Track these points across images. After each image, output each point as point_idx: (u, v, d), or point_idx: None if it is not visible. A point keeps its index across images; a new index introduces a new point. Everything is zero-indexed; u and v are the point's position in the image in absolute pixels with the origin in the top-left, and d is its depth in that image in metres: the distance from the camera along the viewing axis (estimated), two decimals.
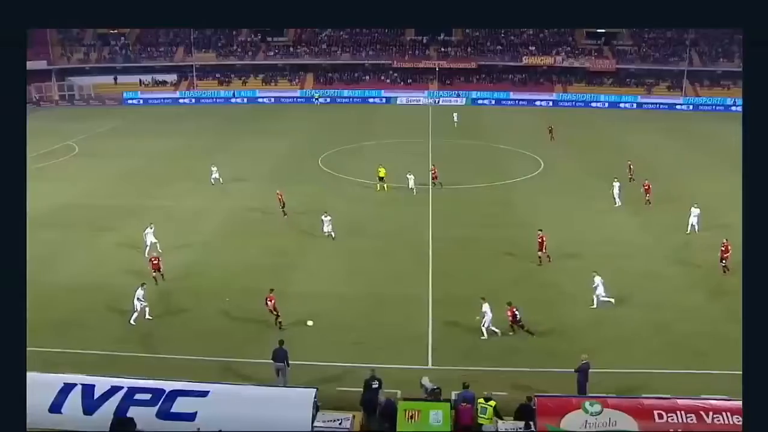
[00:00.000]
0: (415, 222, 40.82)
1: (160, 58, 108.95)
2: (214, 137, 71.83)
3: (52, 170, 57.45)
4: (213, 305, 29.98)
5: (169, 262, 34.82)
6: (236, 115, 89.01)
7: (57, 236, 39.14)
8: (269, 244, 37.24)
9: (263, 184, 50.19)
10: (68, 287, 31.86)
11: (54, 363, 23.82)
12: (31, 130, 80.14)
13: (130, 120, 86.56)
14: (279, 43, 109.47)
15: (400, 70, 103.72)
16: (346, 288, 31.65)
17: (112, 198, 47.50)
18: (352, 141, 67.51)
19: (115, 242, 38.41)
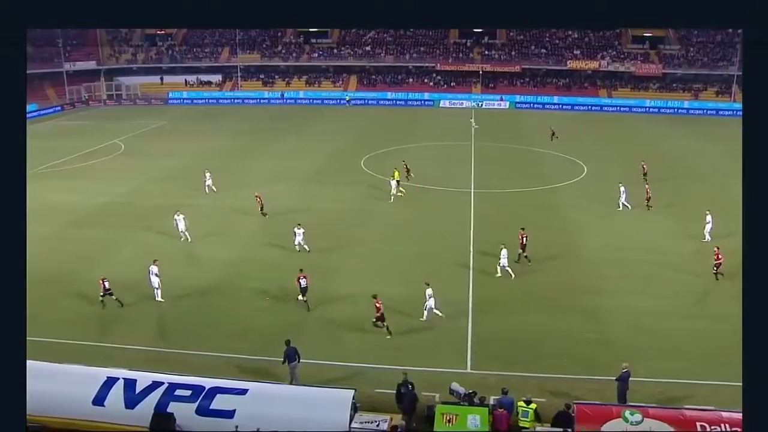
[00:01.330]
0: (456, 225, 40.70)
1: (205, 58, 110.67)
2: (256, 137, 72.55)
3: (98, 168, 58.63)
4: (253, 304, 30.28)
5: (207, 260, 35.40)
6: (279, 116, 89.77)
7: (102, 234, 39.92)
8: (311, 245, 37.39)
9: (305, 184, 50.54)
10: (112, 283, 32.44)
11: (95, 356, 24.42)
12: (80, 128, 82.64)
13: (175, 119, 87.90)
14: (323, 45, 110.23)
15: (443, 72, 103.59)
16: (385, 289, 31.64)
17: (156, 196, 48.25)
18: (394, 143, 67.57)
19: (157, 240, 39.06)
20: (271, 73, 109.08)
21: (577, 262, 35.52)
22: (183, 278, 33.32)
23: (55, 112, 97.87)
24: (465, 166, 56.69)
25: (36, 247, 38.01)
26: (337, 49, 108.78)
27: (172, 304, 30.41)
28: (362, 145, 66.84)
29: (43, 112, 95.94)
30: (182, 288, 32.11)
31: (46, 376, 21.86)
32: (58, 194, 49.32)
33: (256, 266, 34.92)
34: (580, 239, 38.98)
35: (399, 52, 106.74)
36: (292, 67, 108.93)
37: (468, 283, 32.61)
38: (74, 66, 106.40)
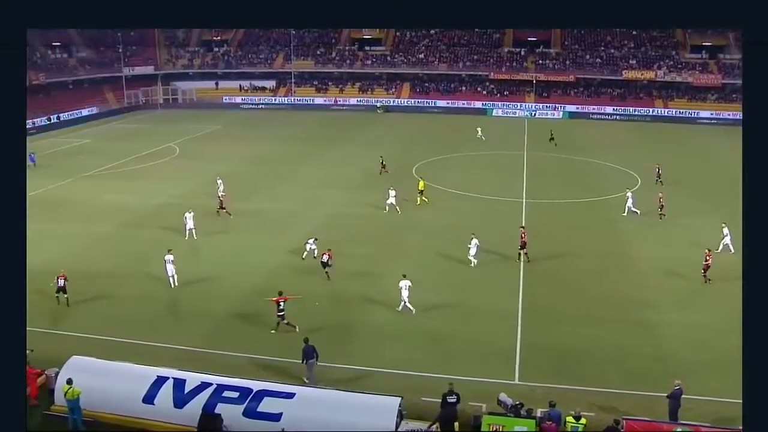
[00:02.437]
0: (507, 234, 40.41)
1: (260, 64, 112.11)
2: (308, 143, 73.11)
3: (154, 170, 59.80)
4: (302, 309, 30.48)
5: (260, 265, 35.78)
6: (332, 122, 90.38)
7: (157, 234, 40.68)
8: (359, 252, 37.53)
9: (357, 191, 50.75)
10: (165, 283, 33.04)
11: (144, 355, 24.88)
12: (137, 131, 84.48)
13: (229, 124, 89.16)
14: (376, 52, 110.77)
15: (496, 81, 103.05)
16: (433, 297, 31.59)
17: (209, 199, 48.98)
18: (446, 151, 67.44)
19: (208, 243, 39.65)
20: (325, 80, 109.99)
21: (628, 274, 34.95)
22: (231, 280, 33.80)
23: (113, 115, 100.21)
24: (517, 176, 56.26)
25: (94, 246, 39.15)
26: (391, 57, 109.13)
27: (219, 305, 30.80)
28: (414, 152, 66.85)
29: (102, 114, 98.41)
30: (231, 289, 32.54)
31: (99, 372, 22.38)
32: (115, 195, 50.46)
33: (305, 270, 35.13)
34: (631, 250, 38.32)
35: (452, 60, 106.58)
36: (345, 73, 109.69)
37: (518, 293, 32.33)
38: (133, 70, 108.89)
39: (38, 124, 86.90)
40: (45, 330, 28.13)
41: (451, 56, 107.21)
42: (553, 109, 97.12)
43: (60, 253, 37.68)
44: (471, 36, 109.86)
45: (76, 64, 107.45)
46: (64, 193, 52.32)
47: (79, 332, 28.01)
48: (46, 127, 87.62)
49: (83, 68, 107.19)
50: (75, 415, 21.27)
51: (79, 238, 40.57)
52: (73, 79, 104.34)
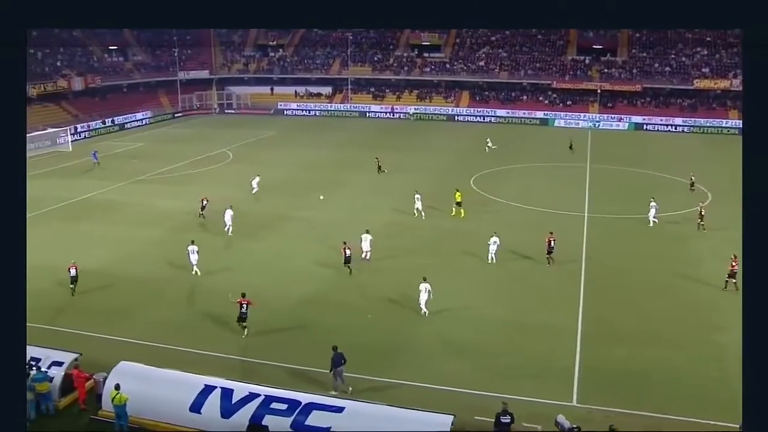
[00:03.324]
0: (568, 248, 39.90)
1: (316, 70, 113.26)
2: (364, 150, 73.45)
3: (207, 175, 60.82)
4: (354, 320, 30.60)
5: (307, 272, 36.04)
6: (388, 130, 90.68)
7: (205, 240, 41.33)
8: (411, 263, 37.48)
9: (410, 200, 50.69)
10: (209, 289, 33.55)
11: (192, 363, 25.28)
12: (192, 136, 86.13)
13: (284, 130, 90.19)
14: (435, 59, 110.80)
15: (559, 90, 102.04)
16: (489, 311, 31.37)
17: (261, 205, 49.65)
18: (506, 162, 66.99)
19: (257, 249, 40.15)
20: (382, 87, 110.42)
21: (692, 291, 34.18)
22: (279, 288, 34.11)
23: (167, 119, 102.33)
24: (578, 189, 55.56)
25: (143, 250, 39.96)
26: (450, 64, 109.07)
27: (271, 314, 31.07)
28: (473, 162, 66.61)
29: (156, 118, 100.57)
30: (279, 298, 32.83)
31: (146, 378, 22.79)
32: (167, 199, 51.52)
33: (357, 282, 35.28)
34: (698, 269, 37.37)
35: (514, 68, 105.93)
36: (403, 80, 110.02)
37: (577, 309, 31.87)
38: (188, 74, 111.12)
39: (93, 127, 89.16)
40: (95, 334, 28.82)
41: (513, 64, 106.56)
42: (618, 120, 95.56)
43: (110, 257, 38.61)
44: (533, 43, 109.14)
45: (131, 67, 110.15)
46: (116, 196, 53.59)
47: (128, 337, 28.58)
48: (101, 130, 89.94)
49: (138, 72, 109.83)
50: (121, 421, 21.72)
51: (130, 242, 41.48)
52: (129, 83, 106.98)
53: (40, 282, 35.01)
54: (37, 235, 43.32)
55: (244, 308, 29.06)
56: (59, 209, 49.65)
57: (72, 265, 33.72)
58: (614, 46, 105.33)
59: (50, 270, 36.41)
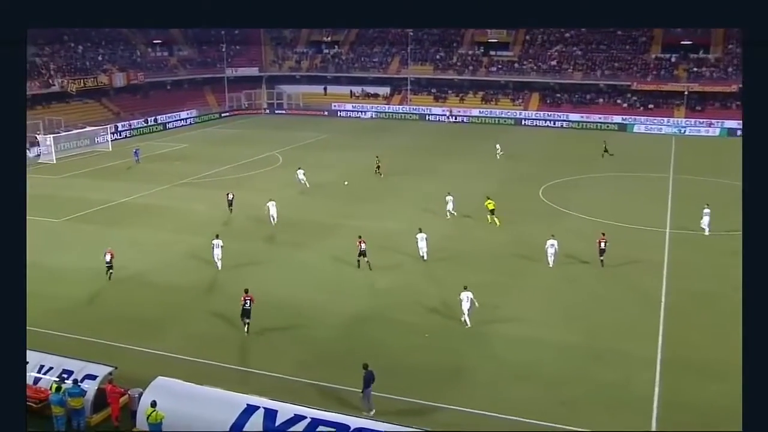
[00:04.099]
0: (647, 268, 39.07)
1: (373, 69, 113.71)
2: (424, 156, 73.49)
3: (254, 180, 61.43)
4: (410, 339, 30.42)
5: (361, 285, 36.03)
6: (450, 134, 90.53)
7: (253, 249, 41.70)
8: (475, 279, 37.10)
9: (472, 211, 50.38)
10: (260, 304, 33.71)
11: (233, 380, 25.38)
12: (239, 137, 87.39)
13: (337, 133, 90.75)
14: (502, 58, 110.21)
15: (640, 92, 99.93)
16: (558, 335, 30.83)
17: (309, 212, 49.90)
18: (579, 171, 66.11)
19: (307, 259, 40.31)
20: (444, 88, 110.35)
21: None
22: (333, 304, 34.14)
23: (213, 118, 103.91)
24: (660, 202, 54.46)
25: (185, 257, 40.48)
26: (519, 63, 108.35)
27: (320, 330, 31.13)
28: (542, 171, 65.97)
29: (202, 118, 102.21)
30: (333, 315, 32.86)
31: (185, 396, 22.96)
32: (211, 205, 52.20)
33: (415, 297, 35.08)
34: None
35: (589, 67, 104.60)
36: (467, 81, 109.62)
37: (656, 336, 31.09)
38: (236, 72, 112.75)
39: (135, 126, 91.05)
40: (130, 346, 29.23)
41: (588, 63, 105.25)
42: (708, 126, 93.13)
43: (148, 264, 39.24)
44: (611, 40, 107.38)
45: (176, 63, 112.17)
46: (157, 200, 54.53)
47: (165, 351, 28.89)
48: (143, 129, 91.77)
49: (184, 68, 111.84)
50: None
51: (170, 249, 42.10)
52: (173, 79, 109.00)
53: (73, 288, 35.84)
54: (72, 239, 44.43)
55: (247, 304, 30.46)
56: (96, 213, 50.74)
57: (108, 251, 36.97)
58: (706, 42, 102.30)
59: (84, 276, 37.22)
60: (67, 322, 31.56)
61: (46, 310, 32.48)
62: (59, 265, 39.18)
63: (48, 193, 57.05)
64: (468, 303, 31.20)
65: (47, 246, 42.60)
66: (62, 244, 43.45)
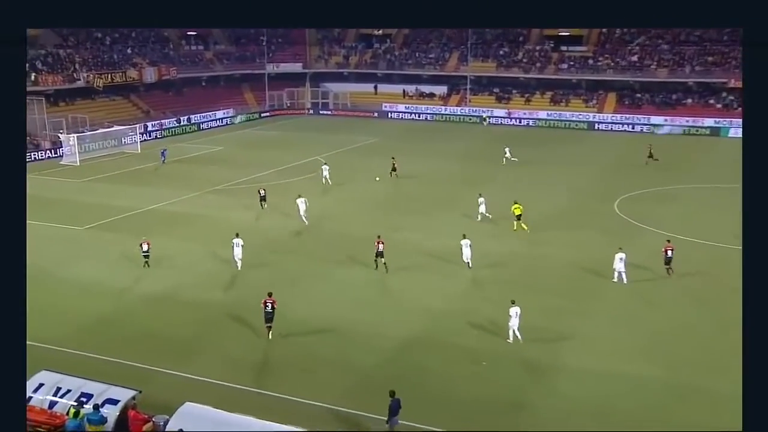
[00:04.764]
0: (733, 291, 38.28)
1: (429, 66, 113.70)
2: (482, 163, 73.27)
3: (296, 188, 61.63)
4: (462, 367, 30.22)
5: (410, 306, 35.92)
6: (515, 138, 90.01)
7: (294, 263, 41.86)
8: (544, 303, 36.75)
9: (540, 226, 49.98)
10: (293, 321, 33.83)
11: (271, 408, 25.40)
12: (280, 140, 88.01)
13: (388, 136, 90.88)
14: (575, 53, 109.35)
15: (737, 91, 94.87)
16: (634, 368, 30.28)
17: (354, 226, 49.87)
18: (662, 182, 65.15)
19: (349, 276, 40.37)
20: (508, 87, 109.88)
21: None
22: (380, 326, 34.08)
23: (252, 119, 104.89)
24: None
25: (217, 272, 40.80)
26: (594, 60, 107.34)
27: (363, 355, 31.09)
28: (618, 181, 65.27)
29: (239, 118, 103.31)
30: (380, 337, 32.80)
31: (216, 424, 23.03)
32: (248, 214, 52.57)
33: (469, 320, 34.86)
34: None
35: (676, 63, 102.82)
36: (534, 80, 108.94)
37: None
38: (277, 68, 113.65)
39: (166, 126, 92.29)
40: (156, 368, 29.47)
41: (675, 58, 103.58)
42: None
43: (176, 279, 39.63)
44: (703, 31, 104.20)
45: (212, 57, 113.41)
46: (188, 207, 55.14)
47: (194, 374, 29.08)
48: (175, 129, 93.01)
49: (220, 63, 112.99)
50: None
51: (202, 262, 42.51)
52: (209, 75, 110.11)
53: (95, 303, 36.33)
54: (95, 249, 45.08)
55: (269, 308, 32.13)
56: (122, 221, 51.50)
57: (144, 240, 41.48)
58: None
59: (107, 290, 37.71)
60: (87, 341, 31.96)
61: (65, 327, 33.00)
62: (81, 278, 39.81)
63: (70, 198, 58.12)
64: (516, 319, 31.83)
65: (68, 256, 43.35)
66: (85, 255, 44.14)
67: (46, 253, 42.54)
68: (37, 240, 41.74)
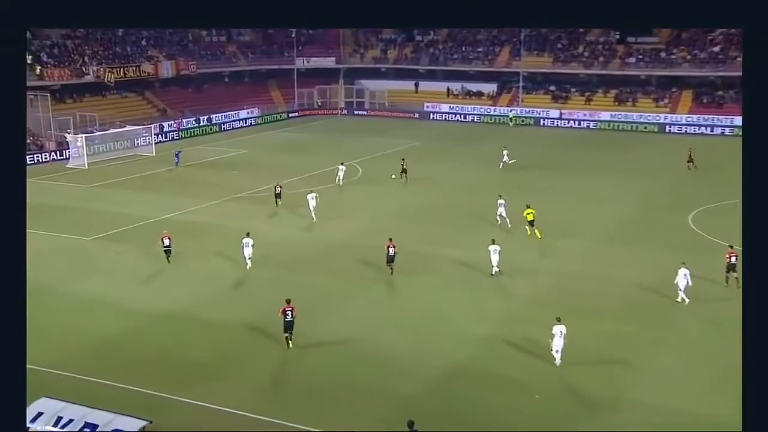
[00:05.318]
0: None
1: (477, 61, 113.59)
2: (540, 172, 72.86)
3: (327, 197, 61.68)
4: (513, 400, 30.04)
5: (456, 333, 35.74)
6: (574, 142, 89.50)
7: (326, 281, 41.77)
8: (604, 330, 36.41)
9: (606, 243, 49.56)
10: (333, 344, 33.80)
11: None
12: (310, 143, 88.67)
13: (431, 140, 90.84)
14: (645, 46, 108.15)
15: None
16: (703, 406, 29.77)
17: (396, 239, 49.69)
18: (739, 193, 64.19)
19: (390, 296, 40.28)
20: (566, 85, 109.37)
21: None
22: (420, 351, 33.94)
23: (279, 119, 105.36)
24: None
25: (238, 292, 40.90)
26: (666, 52, 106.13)
27: (407, 385, 30.91)
28: (694, 191, 64.74)
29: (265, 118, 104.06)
30: (421, 365, 32.68)
31: None
32: (273, 225, 52.81)
33: (523, 347, 34.64)
34: None
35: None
36: (596, 76, 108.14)
37: None
38: (308, 63, 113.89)
39: (184, 127, 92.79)
40: (171, 396, 29.52)
41: None
42: None
43: (197, 295, 39.74)
44: None
45: (235, 50, 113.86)
46: (207, 217, 55.43)
47: (213, 403, 29.07)
48: (194, 130, 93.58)
49: (245, 57, 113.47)
50: None
51: (222, 278, 42.68)
52: (231, 70, 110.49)
53: (103, 323, 36.49)
54: (104, 263, 45.39)
55: (288, 316, 33.22)
56: (134, 231, 51.92)
57: (165, 234, 44.50)
58: None
59: (116, 309, 37.86)
60: (92, 364, 32.07)
61: (67, 349, 33.24)
62: (86, 294, 40.06)
63: (76, 206, 58.74)
64: (561, 339, 31.95)
65: (74, 270, 43.72)
66: (91, 268, 44.49)
67: (48, 266, 42.91)
68: (38, 251, 42.15)
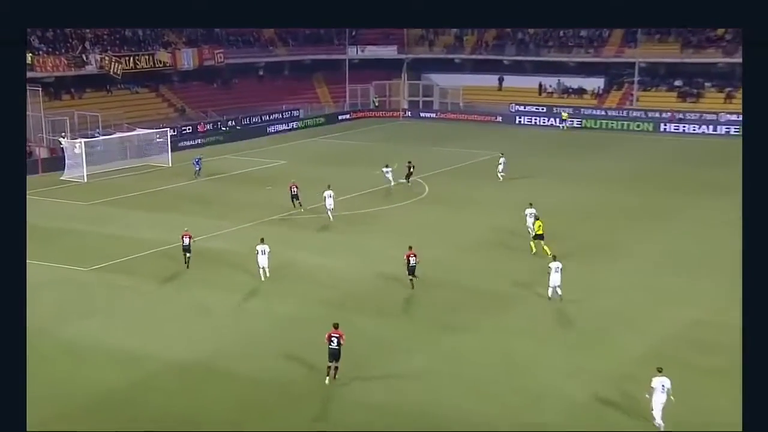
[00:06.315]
0: None
1: (579, 49, 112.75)
2: (656, 192, 71.92)
3: (386, 219, 61.64)
4: None
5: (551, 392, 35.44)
6: (706, 154, 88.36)
7: (382, 326, 41.56)
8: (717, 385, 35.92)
9: (730, 281, 48.77)
10: (391, 408, 33.56)
11: None
12: (363, 152, 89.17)
13: (517, 149, 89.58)
14: None
15: None
16: None
17: (463, 273, 49.40)
18: None
19: (462, 346, 39.82)
20: (698, 79, 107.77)
21: None
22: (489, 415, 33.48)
23: (326, 122, 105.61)
24: None
25: (270, 335, 40.75)
26: None
27: None
28: None
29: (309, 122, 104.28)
30: None
31: None
32: (317, 254, 52.55)
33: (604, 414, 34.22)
34: None
35: None
36: (739, 66, 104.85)
37: None
38: (363, 52, 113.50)
39: (208, 130, 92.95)
40: None
41: None
42: None
43: (222, 342, 39.53)
44: None
45: (272, 36, 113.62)
46: (234, 245, 55.22)
47: None
48: (219, 135, 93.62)
49: (284, 45, 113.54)
50: None
51: (250, 320, 42.77)
52: (267, 61, 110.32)
53: (104, 374, 36.52)
54: (103, 299, 45.49)
55: (334, 344, 34.42)
56: (140, 260, 52.04)
57: (185, 233, 48.65)
58: None
59: (122, 356, 37.90)
60: (91, 423, 32.07)
61: (63, 405, 33.23)
62: (84, 338, 39.97)
63: (72, 228, 58.98)
64: (665, 396, 31.47)
65: (70, 308, 43.73)
66: (90, 306, 44.43)
67: (38, 303, 42.47)
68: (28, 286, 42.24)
